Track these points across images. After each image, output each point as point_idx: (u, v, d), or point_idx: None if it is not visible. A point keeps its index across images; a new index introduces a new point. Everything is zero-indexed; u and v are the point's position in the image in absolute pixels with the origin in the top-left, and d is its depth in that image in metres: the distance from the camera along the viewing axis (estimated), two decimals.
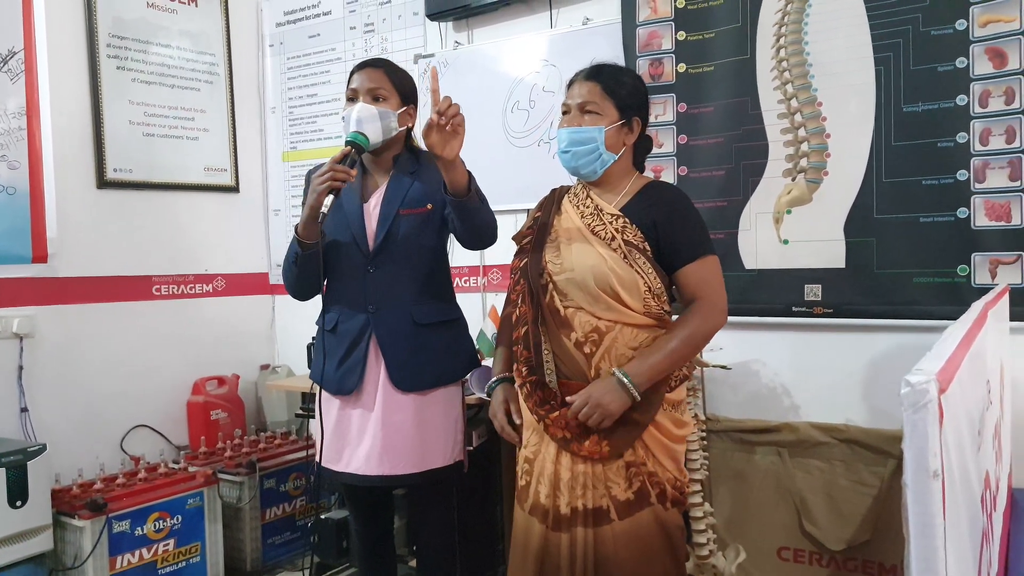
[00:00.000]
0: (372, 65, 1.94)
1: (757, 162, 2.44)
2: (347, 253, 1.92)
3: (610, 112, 1.70)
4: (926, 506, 0.60)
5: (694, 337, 1.64)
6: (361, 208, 1.93)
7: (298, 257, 1.88)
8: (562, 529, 1.67)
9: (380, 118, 1.86)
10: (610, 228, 1.67)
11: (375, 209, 1.92)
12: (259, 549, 2.96)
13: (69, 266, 2.93)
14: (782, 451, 2.37)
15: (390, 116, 1.88)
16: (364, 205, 1.93)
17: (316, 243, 1.85)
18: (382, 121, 1.86)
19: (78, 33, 2.99)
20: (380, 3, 3.30)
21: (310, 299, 2.00)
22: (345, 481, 1.96)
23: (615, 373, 1.60)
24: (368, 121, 1.85)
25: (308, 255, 1.86)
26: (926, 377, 0.62)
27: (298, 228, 1.86)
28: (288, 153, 3.63)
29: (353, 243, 1.91)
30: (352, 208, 1.93)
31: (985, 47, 2.12)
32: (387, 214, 1.90)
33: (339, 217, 1.93)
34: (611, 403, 1.59)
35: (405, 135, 1.99)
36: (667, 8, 2.59)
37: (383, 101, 1.88)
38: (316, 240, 1.85)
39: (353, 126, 1.85)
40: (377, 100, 1.88)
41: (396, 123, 1.90)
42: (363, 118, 1.85)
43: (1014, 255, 2.11)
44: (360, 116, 1.85)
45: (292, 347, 3.60)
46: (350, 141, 1.84)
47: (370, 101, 1.88)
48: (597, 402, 1.59)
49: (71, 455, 2.81)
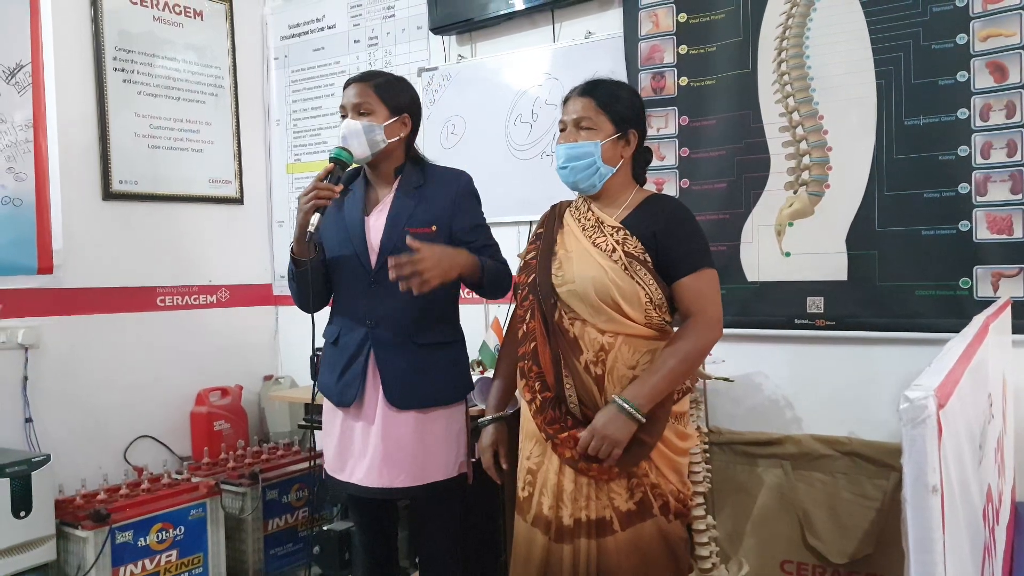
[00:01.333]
0: (358, 80, 1.94)
1: (759, 175, 2.45)
2: (350, 267, 1.93)
3: (605, 126, 1.71)
4: (925, 521, 0.60)
5: (690, 355, 1.65)
6: (363, 222, 1.93)
7: (294, 273, 1.91)
8: (564, 540, 1.67)
9: (364, 132, 1.87)
10: (611, 240, 1.68)
11: (377, 222, 1.92)
12: (261, 560, 2.96)
13: (74, 277, 2.95)
14: (785, 464, 2.36)
15: (375, 130, 1.88)
16: (366, 218, 1.94)
17: (308, 260, 1.87)
18: (367, 135, 1.87)
19: (85, 46, 3.02)
20: (384, 17, 3.33)
21: (317, 311, 1.99)
22: (348, 491, 1.96)
23: (615, 400, 1.61)
24: (352, 136, 1.87)
25: (302, 272, 1.89)
26: (924, 393, 0.62)
27: (292, 246, 1.89)
28: (292, 165, 3.65)
29: (355, 257, 1.91)
30: (353, 221, 1.93)
31: (986, 61, 2.13)
32: (391, 233, 1.89)
33: (340, 230, 1.94)
34: (617, 431, 1.59)
35: (404, 145, 1.98)
36: (669, 22, 2.60)
37: (369, 115, 1.89)
38: (309, 257, 1.87)
39: (340, 142, 1.88)
40: (363, 115, 1.89)
41: (382, 136, 1.89)
42: (347, 134, 1.87)
43: (1016, 268, 2.11)
44: (346, 132, 1.88)
45: (295, 358, 3.60)
46: (333, 158, 1.86)
47: (356, 116, 1.89)
48: (603, 434, 1.60)
49: (75, 466, 2.82)
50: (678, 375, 1.64)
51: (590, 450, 1.61)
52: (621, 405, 1.60)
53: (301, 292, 1.93)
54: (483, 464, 1.89)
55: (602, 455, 1.61)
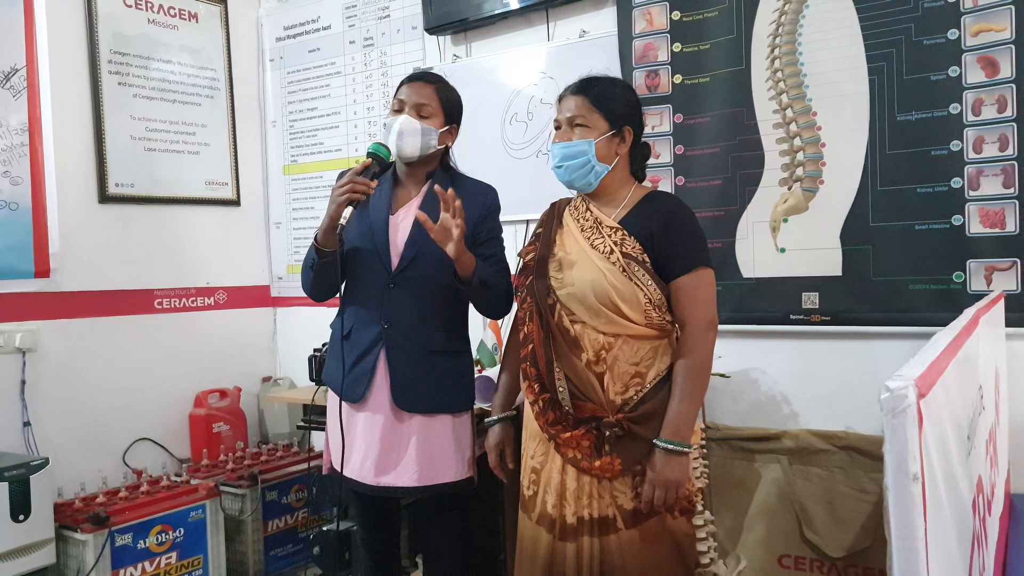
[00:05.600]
0: (423, 80, 1.94)
1: (753, 171, 2.46)
2: (369, 264, 1.91)
3: (599, 124, 1.71)
4: (906, 508, 0.61)
5: (700, 367, 1.66)
6: (387, 221, 1.92)
7: (315, 263, 1.89)
8: (568, 539, 1.68)
9: (422, 134, 1.87)
10: (608, 241, 1.69)
11: (402, 223, 1.91)
12: (261, 561, 2.96)
13: (71, 280, 2.95)
14: (782, 459, 2.37)
15: (432, 133, 1.89)
16: (391, 217, 1.93)
17: (334, 252, 1.85)
18: (423, 137, 1.87)
19: (80, 49, 3.03)
20: (379, 18, 3.34)
21: (327, 300, 1.98)
22: (351, 487, 1.96)
23: (658, 445, 1.62)
24: (409, 135, 1.86)
25: (324, 263, 1.87)
26: (904, 383, 0.63)
27: (317, 235, 1.86)
28: (289, 166, 3.66)
29: (375, 255, 1.90)
30: (378, 219, 1.92)
31: (977, 56, 2.14)
32: (416, 237, 1.87)
33: (364, 225, 1.92)
34: (672, 473, 1.61)
35: (443, 153, 1.99)
36: (663, 20, 2.61)
37: (428, 118, 1.89)
38: (334, 249, 1.85)
39: (394, 137, 1.86)
40: (422, 116, 1.88)
41: (436, 141, 1.90)
42: (405, 131, 1.86)
43: (1009, 261, 2.12)
44: (402, 128, 1.86)
45: (294, 359, 3.61)
46: (371, 153, 1.85)
47: (415, 116, 1.88)
48: (662, 481, 1.61)
49: (73, 469, 2.83)
50: (698, 391, 1.66)
51: (656, 500, 1.62)
52: (665, 447, 1.61)
53: (317, 282, 1.92)
54: (489, 464, 1.90)
55: (668, 500, 1.62)
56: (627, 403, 1.66)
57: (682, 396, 1.63)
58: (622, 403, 1.66)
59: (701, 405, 1.68)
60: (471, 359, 2.04)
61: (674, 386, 1.65)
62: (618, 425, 1.64)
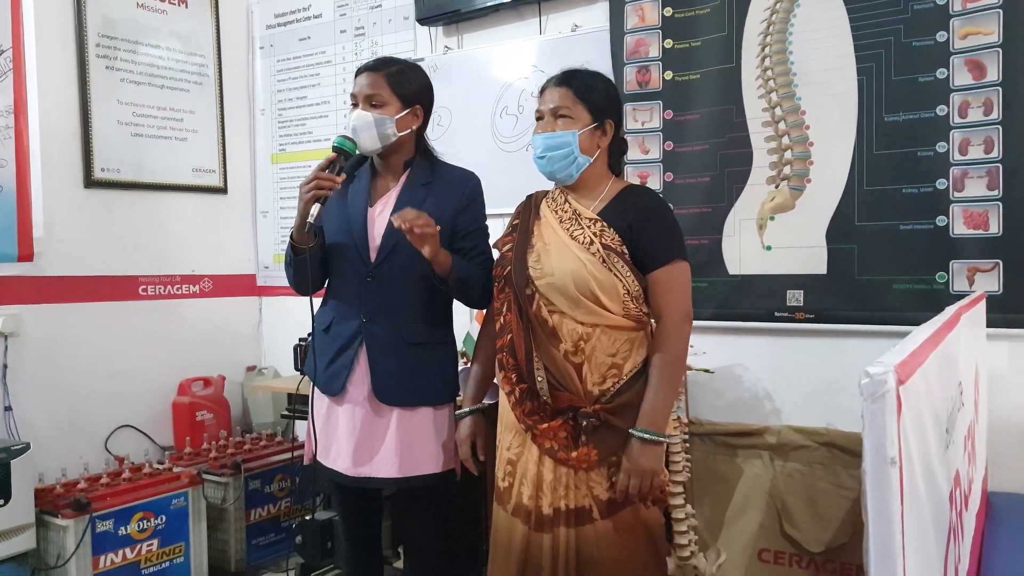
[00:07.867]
0: (371, 69, 1.89)
1: (741, 169, 2.47)
2: (348, 257, 1.90)
3: (583, 116, 1.72)
4: (884, 492, 0.62)
5: (676, 359, 1.68)
6: (366, 213, 1.90)
7: (292, 259, 1.89)
8: (544, 530, 1.69)
9: (375, 125, 1.84)
10: (588, 232, 1.69)
11: (380, 216, 1.90)
12: (243, 550, 2.95)
13: (55, 265, 2.93)
14: (763, 454, 2.39)
15: (386, 122, 1.85)
16: (370, 210, 1.91)
17: (308, 249, 1.84)
18: (377, 128, 1.84)
19: (67, 32, 3.00)
20: (371, 7, 3.33)
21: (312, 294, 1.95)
22: (332, 478, 1.96)
23: (633, 434, 1.63)
24: (363, 129, 1.84)
25: (300, 260, 1.86)
26: (884, 368, 0.64)
27: (292, 232, 1.86)
28: (277, 155, 3.64)
29: (354, 248, 1.89)
30: (357, 212, 1.91)
31: (965, 59, 2.16)
32: (394, 229, 1.82)
33: (342, 218, 1.91)
34: (648, 462, 1.62)
35: (415, 137, 1.95)
36: (654, 16, 2.62)
37: (381, 107, 1.85)
38: (308, 245, 1.84)
39: (349, 132, 1.84)
40: (375, 106, 1.85)
41: (394, 129, 1.86)
42: (358, 126, 1.84)
43: (991, 263, 2.15)
44: (355, 124, 1.84)
45: (278, 349, 3.60)
46: (336, 147, 1.83)
47: (368, 107, 1.85)
48: (637, 469, 1.62)
49: (55, 454, 2.81)
50: (674, 382, 1.67)
51: (631, 489, 1.63)
52: (641, 437, 1.61)
53: (298, 279, 1.92)
54: (460, 455, 1.90)
55: (643, 489, 1.63)
56: (604, 394, 1.67)
57: (658, 387, 1.64)
58: (599, 394, 1.67)
59: (676, 396, 1.69)
60: (455, 351, 2.03)
61: (650, 377, 1.66)
62: (595, 416, 1.65)
